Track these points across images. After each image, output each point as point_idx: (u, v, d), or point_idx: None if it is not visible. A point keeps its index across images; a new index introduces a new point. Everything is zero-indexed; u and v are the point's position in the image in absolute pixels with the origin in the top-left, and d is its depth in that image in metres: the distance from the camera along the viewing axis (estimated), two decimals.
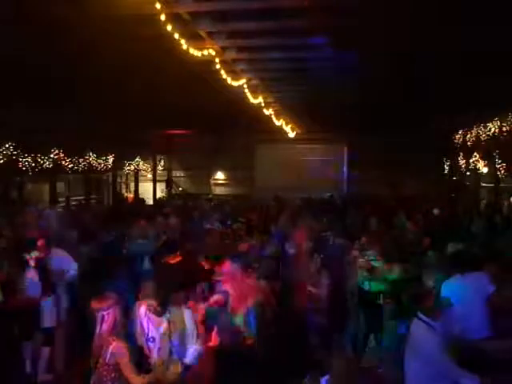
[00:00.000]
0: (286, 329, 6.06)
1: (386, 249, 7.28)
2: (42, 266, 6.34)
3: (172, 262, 7.21)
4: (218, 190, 23.15)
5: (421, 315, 4.19)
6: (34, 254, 6.33)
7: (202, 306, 5.50)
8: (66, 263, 6.82)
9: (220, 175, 23.56)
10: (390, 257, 7.00)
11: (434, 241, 8.03)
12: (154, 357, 4.65)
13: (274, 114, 14.77)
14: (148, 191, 20.98)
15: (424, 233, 9.04)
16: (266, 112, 13.74)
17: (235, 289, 5.54)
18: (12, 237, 7.89)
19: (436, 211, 12.57)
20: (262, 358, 5.16)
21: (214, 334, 5.32)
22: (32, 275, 6.23)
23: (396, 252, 7.34)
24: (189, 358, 4.67)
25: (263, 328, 5.42)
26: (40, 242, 6.56)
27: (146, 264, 7.93)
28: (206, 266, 6.99)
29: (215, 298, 5.60)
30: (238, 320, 5.39)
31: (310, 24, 6.87)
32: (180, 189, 23.21)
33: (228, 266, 5.64)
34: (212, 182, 23.54)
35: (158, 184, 21.83)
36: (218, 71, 8.58)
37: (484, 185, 16.05)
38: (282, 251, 8.55)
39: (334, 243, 8.33)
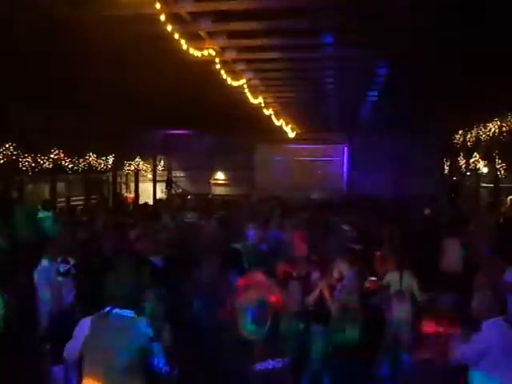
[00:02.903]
0: None
1: None
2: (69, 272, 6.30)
3: None
4: (218, 190, 23.13)
5: None
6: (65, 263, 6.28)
7: None
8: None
9: (220, 175, 23.55)
10: None
11: None
12: None
13: (274, 114, 14.77)
14: (148, 191, 20.97)
15: None
16: (266, 112, 13.74)
17: None
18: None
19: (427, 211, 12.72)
20: None
21: None
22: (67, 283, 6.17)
23: None
24: None
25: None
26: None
27: None
28: None
29: None
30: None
31: (311, 24, 6.88)
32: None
33: None
34: (212, 181, 23.53)
35: (158, 184, 21.82)
36: (218, 71, 8.58)
37: (484, 185, 16.02)
38: None
39: None
